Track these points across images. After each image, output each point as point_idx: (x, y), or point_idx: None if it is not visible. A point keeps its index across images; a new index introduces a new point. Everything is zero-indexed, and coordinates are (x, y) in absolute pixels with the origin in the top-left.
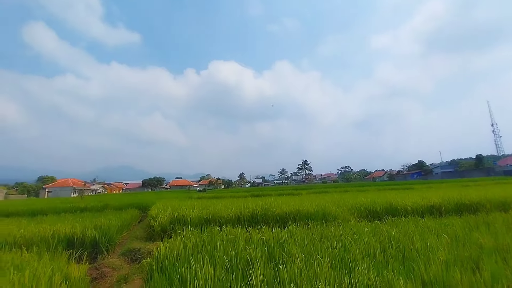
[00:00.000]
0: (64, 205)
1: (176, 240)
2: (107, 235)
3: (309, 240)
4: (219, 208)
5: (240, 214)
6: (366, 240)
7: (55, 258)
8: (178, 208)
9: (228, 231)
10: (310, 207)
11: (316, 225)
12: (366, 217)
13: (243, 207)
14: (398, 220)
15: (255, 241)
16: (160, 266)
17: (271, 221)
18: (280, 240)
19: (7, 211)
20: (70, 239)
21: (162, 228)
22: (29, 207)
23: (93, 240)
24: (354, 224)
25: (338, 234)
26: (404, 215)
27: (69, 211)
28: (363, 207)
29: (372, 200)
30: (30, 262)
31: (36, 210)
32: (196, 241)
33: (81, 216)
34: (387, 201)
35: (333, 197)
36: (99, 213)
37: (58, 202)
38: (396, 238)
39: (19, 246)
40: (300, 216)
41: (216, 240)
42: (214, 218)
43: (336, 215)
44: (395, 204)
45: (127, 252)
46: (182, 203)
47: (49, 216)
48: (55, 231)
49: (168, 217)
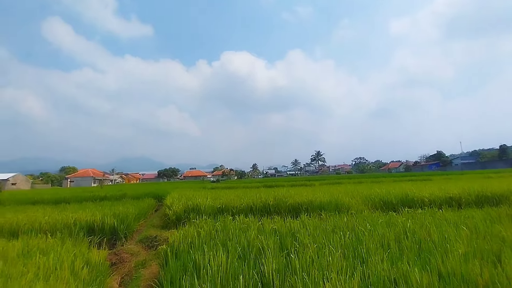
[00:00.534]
0: (85, 194)
1: (190, 228)
2: (125, 222)
3: (322, 230)
4: (232, 198)
5: (252, 204)
6: (380, 231)
7: (77, 243)
8: (192, 197)
9: (240, 220)
10: (323, 198)
11: (329, 216)
12: (380, 208)
13: (256, 197)
14: (414, 212)
15: (267, 230)
16: (175, 253)
17: (284, 211)
18: (292, 230)
19: (33, 199)
20: (91, 226)
21: (177, 216)
22: (53, 196)
23: (112, 227)
24: (368, 215)
25: (351, 225)
26: (420, 207)
27: (90, 199)
28: (377, 198)
29: (387, 191)
30: (54, 247)
31: (59, 198)
32: (210, 229)
33: (101, 205)
34: (403, 192)
35: (347, 188)
36: (117, 202)
37: (79, 191)
38: (412, 230)
39: (44, 232)
40: (313, 207)
41: (229, 228)
42: (227, 208)
43: (350, 205)
44: (411, 195)
45: (144, 239)
46: (196, 193)
47: (72, 204)
48: (76, 218)
49: (182, 206)
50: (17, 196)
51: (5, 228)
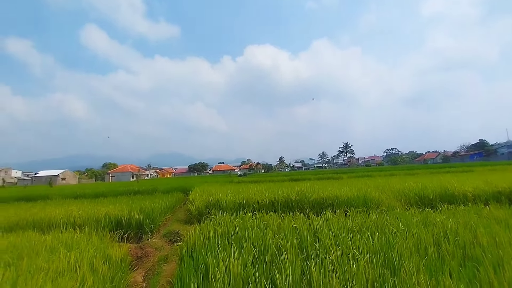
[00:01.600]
0: (121, 188)
1: (207, 225)
2: (151, 217)
3: (347, 230)
4: (254, 193)
5: (274, 199)
6: (416, 232)
7: (103, 238)
8: (214, 193)
9: (260, 217)
10: (349, 193)
11: (355, 213)
12: (415, 205)
13: (278, 192)
14: (456, 209)
15: (287, 228)
16: (190, 251)
17: (307, 207)
18: (314, 229)
19: (76, 193)
20: (119, 220)
21: (199, 212)
22: (93, 190)
23: (138, 221)
24: (400, 213)
25: (381, 224)
26: (463, 203)
27: (125, 193)
28: (412, 192)
29: (423, 184)
30: (79, 242)
31: (98, 193)
32: (228, 226)
33: (133, 199)
34: (441, 185)
35: (377, 182)
36: (149, 196)
37: (117, 186)
38: (454, 231)
39: (77, 226)
40: (339, 202)
41: (247, 226)
42: (249, 203)
43: (380, 201)
44: (452, 189)
45: (168, 234)
46: (219, 188)
47: (108, 198)
48: (106, 212)
49: (204, 202)
50: (64, 190)
51: (44, 222)
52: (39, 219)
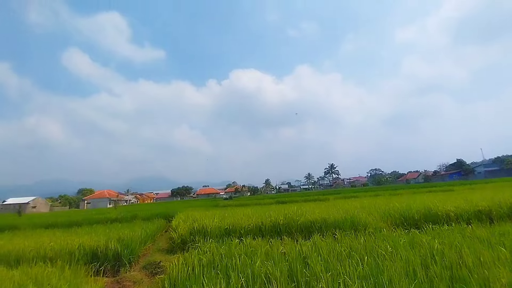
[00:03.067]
0: (98, 216)
1: (191, 254)
2: (130, 247)
3: (336, 254)
4: (241, 217)
5: (261, 224)
6: (404, 255)
7: (76, 272)
8: (199, 218)
9: (247, 243)
10: (337, 215)
11: (344, 236)
12: (401, 225)
13: (266, 216)
14: (440, 229)
15: (276, 255)
16: (174, 284)
17: (295, 231)
18: (303, 255)
19: (47, 223)
20: (95, 252)
21: (183, 239)
22: (67, 219)
23: (115, 252)
24: (387, 234)
25: (370, 247)
26: (446, 222)
27: (101, 222)
28: (397, 213)
29: (407, 204)
30: (50, 278)
31: (72, 221)
32: (213, 255)
33: (110, 227)
34: (424, 205)
35: (363, 203)
36: (128, 224)
37: (93, 213)
38: (440, 251)
39: (48, 259)
40: (327, 225)
41: (233, 254)
42: (235, 229)
43: (367, 223)
44: (435, 209)
45: (148, 265)
46: (204, 213)
47: (82, 228)
48: (81, 243)
49: (188, 229)
50: (33, 219)
51: (12, 255)
52: (6, 252)
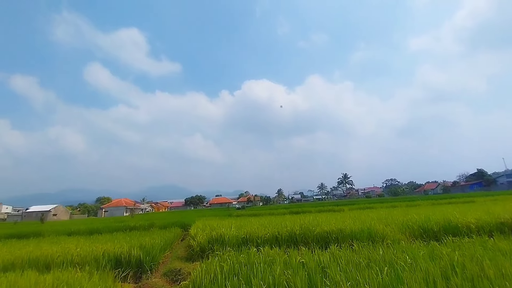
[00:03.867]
0: (116, 224)
1: (213, 262)
2: (151, 254)
3: (355, 264)
4: (257, 227)
5: (278, 233)
6: (423, 266)
7: (103, 277)
8: (216, 227)
9: (265, 252)
10: (353, 226)
11: (362, 247)
12: (420, 237)
13: (281, 226)
14: (461, 241)
15: (294, 264)
16: None
17: (311, 241)
18: (321, 264)
19: (70, 230)
20: (118, 258)
21: (201, 248)
22: (88, 226)
23: (138, 259)
24: (406, 246)
25: (388, 258)
26: (467, 235)
27: (120, 229)
28: (415, 225)
29: (426, 216)
30: (81, 282)
31: (93, 229)
32: (233, 263)
33: (130, 235)
34: (444, 217)
35: (380, 214)
36: (145, 232)
37: (112, 221)
38: (461, 263)
39: (75, 264)
40: (343, 236)
41: (253, 262)
42: (252, 238)
43: (384, 234)
44: (455, 221)
45: (169, 272)
46: (220, 222)
47: (103, 235)
48: (105, 250)
49: (206, 237)
50: (56, 226)
51: (40, 260)
52: (35, 258)
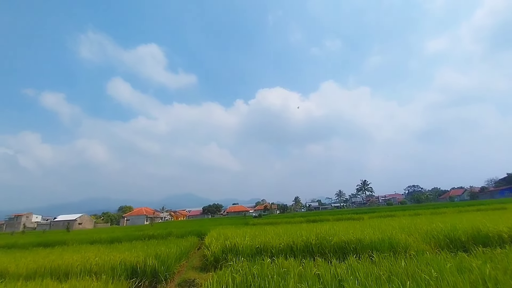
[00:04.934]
0: (136, 233)
1: (225, 273)
2: (166, 264)
3: (375, 278)
4: (271, 236)
5: (293, 243)
6: (451, 280)
7: (118, 287)
8: (230, 236)
9: (279, 263)
10: (373, 235)
11: (382, 258)
12: (446, 248)
13: (297, 235)
14: (492, 252)
15: (309, 276)
16: None
17: (328, 252)
18: (338, 277)
19: (92, 238)
20: (134, 268)
21: (215, 257)
22: (109, 235)
23: (153, 269)
24: (431, 257)
25: (412, 271)
26: (499, 245)
27: (139, 238)
28: (441, 234)
29: (452, 225)
30: None
31: (114, 237)
32: (246, 274)
33: (147, 244)
34: (472, 226)
35: (401, 222)
36: (163, 240)
37: (132, 230)
38: (493, 277)
39: (93, 273)
40: (362, 246)
41: (266, 274)
42: (266, 248)
43: (407, 245)
44: (485, 229)
45: (183, 283)
46: (235, 231)
47: (123, 244)
48: (122, 259)
49: (220, 247)
50: (80, 235)
51: (61, 269)
52: (56, 267)
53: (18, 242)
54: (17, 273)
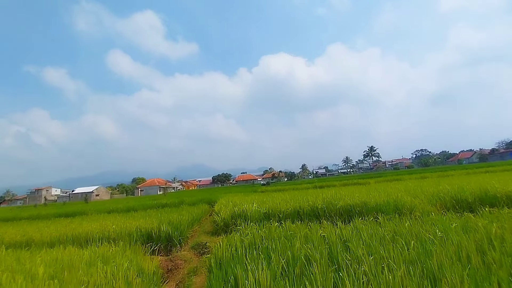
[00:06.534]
0: (150, 202)
1: (234, 236)
2: (179, 229)
3: (379, 238)
4: (279, 202)
5: (299, 208)
6: (455, 239)
7: (135, 251)
8: (239, 203)
9: (286, 227)
10: (379, 198)
11: (387, 220)
12: (452, 209)
13: (303, 200)
14: (499, 212)
15: (315, 238)
16: (219, 263)
17: (334, 215)
18: (343, 238)
19: (109, 208)
20: (149, 234)
21: (225, 223)
22: (124, 205)
23: (167, 234)
24: (436, 218)
25: (416, 231)
26: (507, 205)
27: (154, 207)
28: (447, 195)
29: (459, 186)
30: (115, 256)
31: (129, 207)
32: (254, 237)
33: (161, 212)
34: (480, 187)
35: (408, 185)
36: (176, 208)
37: (146, 199)
38: (500, 236)
39: (111, 239)
40: (368, 209)
41: (273, 236)
42: (274, 213)
43: (412, 206)
44: (493, 190)
45: (196, 246)
46: (243, 198)
47: (138, 212)
48: (138, 226)
49: (229, 213)
50: (98, 206)
51: (82, 236)
52: (77, 234)
53: (41, 214)
54: (41, 241)
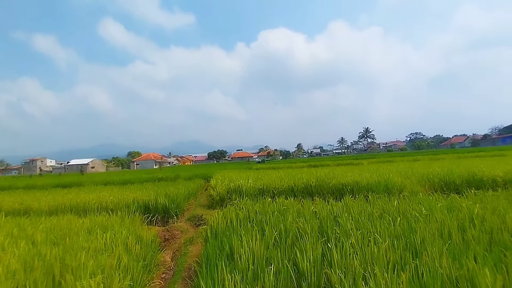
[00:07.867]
0: (146, 176)
1: (230, 210)
2: (175, 202)
3: (367, 215)
4: (273, 179)
5: (294, 185)
6: (439, 217)
7: (133, 220)
8: (235, 179)
9: (280, 202)
10: (370, 178)
11: (376, 198)
12: (440, 190)
13: (297, 178)
14: (484, 194)
15: (307, 213)
16: (215, 233)
17: (326, 193)
18: (334, 214)
19: (105, 180)
20: (147, 205)
21: (221, 197)
22: (120, 178)
23: (164, 206)
24: (423, 198)
25: (403, 209)
26: (492, 188)
27: (150, 180)
28: (436, 177)
29: (448, 169)
30: (113, 224)
31: (125, 180)
32: (249, 211)
33: (157, 185)
34: (468, 170)
35: (399, 167)
36: (172, 182)
37: (142, 173)
38: (481, 216)
39: (109, 210)
40: (359, 188)
41: (267, 211)
42: (268, 189)
43: (402, 187)
44: (480, 174)
45: (192, 218)
46: (239, 174)
47: (135, 185)
48: (135, 198)
49: (225, 187)
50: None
51: (80, 206)
52: (75, 204)
53: (37, 184)
54: (40, 209)
